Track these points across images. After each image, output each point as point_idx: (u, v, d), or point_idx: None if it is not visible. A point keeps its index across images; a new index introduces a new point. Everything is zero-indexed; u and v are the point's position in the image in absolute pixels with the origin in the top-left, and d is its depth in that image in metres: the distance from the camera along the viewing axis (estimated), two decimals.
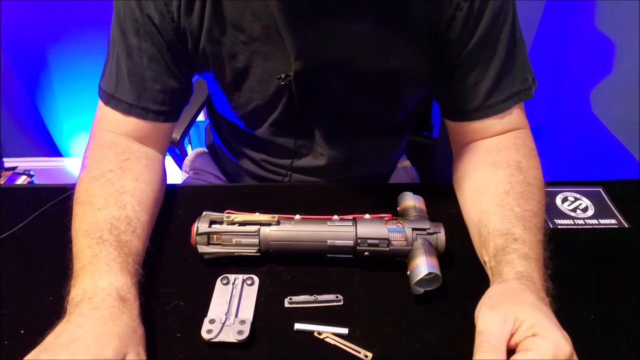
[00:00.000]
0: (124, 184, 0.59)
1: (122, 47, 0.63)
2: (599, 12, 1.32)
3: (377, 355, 0.50)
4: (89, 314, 0.45)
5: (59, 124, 1.87)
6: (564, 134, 1.54)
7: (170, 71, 0.64)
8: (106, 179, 0.59)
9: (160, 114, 0.66)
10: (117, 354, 0.43)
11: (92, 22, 1.59)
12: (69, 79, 1.75)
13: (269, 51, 0.63)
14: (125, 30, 0.62)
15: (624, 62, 1.23)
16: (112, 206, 0.56)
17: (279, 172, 0.81)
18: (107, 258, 0.51)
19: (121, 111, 0.64)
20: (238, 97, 0.69)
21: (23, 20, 1.59)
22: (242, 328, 0.51)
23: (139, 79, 0.63)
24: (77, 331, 0.44)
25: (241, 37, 0.62)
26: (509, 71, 0.63)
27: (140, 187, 0.60)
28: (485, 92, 0.63)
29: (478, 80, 0.63)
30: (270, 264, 0.60)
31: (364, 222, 0.58)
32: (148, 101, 0.64)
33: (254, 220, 0.58)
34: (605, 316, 0.54)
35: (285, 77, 0.64)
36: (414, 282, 0.53)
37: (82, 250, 0.52)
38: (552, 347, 0.42)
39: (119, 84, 0.64)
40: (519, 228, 0.55)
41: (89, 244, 0.52)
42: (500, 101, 0.64)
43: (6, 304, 0.55)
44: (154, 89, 0.64)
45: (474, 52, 0.61)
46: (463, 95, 0.64)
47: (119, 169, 0.61)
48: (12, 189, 0.76)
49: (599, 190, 0.72)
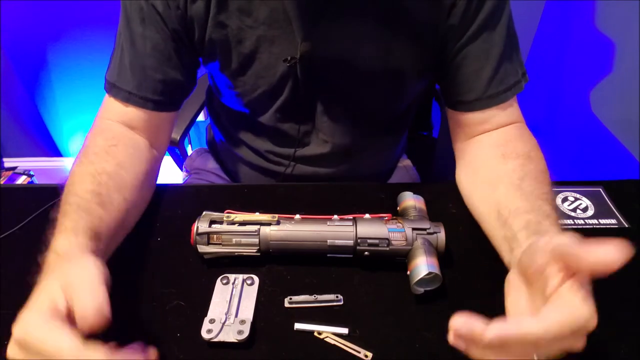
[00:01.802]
0: (104, 166, 0.59)
1: (127, 36, 0.64)
2: (599, 12, 1.32)
3: (377, 355, 0.50)
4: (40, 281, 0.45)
5: (59, 124, 1.87)
6: (564, 134, 1.54)
7: (172, 61, 0.65)
8: (88, 160, 0.60)
9: (159, 104, 0.66)
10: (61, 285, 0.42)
11: (92, 22, 1.59)
12: (69, 79, 1.75)
13: (276, 35, 0.63)
14: (131, 18, 0.63)
15: (624, 62, 1.23)
16: (86, 183, 0.56)
17: (282, 163, 0.82)
18: (63, 219, 0.51)
19: (121, 99, 0.65)
20: (244, 84, 0.70)
21: (23, 20, 1.59)
22: (242, 328, 0.51)
23: (140, 68, 0.64)
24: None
25: (248, 21, 0.62)
26: (508, 62, 0.64)
27: (120, 173, 0.60)
28: (487, 81, 0.64)
29: (479, 68, 0.64)
30: (270, 264, 0.60)
31: (364, 222, 0.58)
32: (148, 90, 0.65)
33: (254, 220, 0.58)
34: (605, 316, 0.54)
35: (291, 59, 0.64)
36: (414, 282, 0.53)
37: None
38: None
39: (121, 72, 0.65)
40: (547, 206, 0.53)
41: (61, 209, 0.53)
42: (501, 91, 0.64)
43: (6, 304, 0.55)
44: (154, 79, 0.64)
45: (475, 39, 0.62)
46: (465, 84, 0.65)
47: (103, 152, 0.61)
48: (12, 189, 0.76)
49: (599, 190, 0.72)
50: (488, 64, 0.63)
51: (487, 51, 0.63)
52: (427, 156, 1.09)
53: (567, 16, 1.47)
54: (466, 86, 0.65)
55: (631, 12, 1.17)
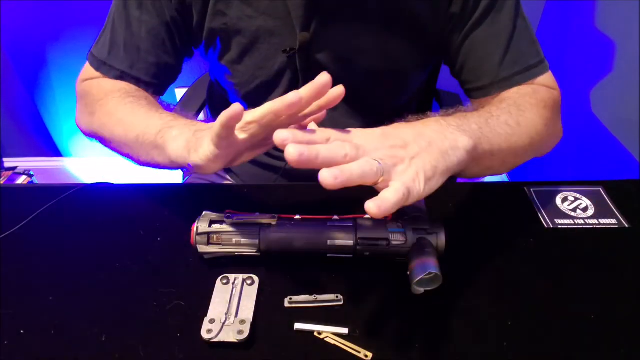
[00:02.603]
0: (142, 101, 0.62)
1: (122, 19, 0.64)
2: (599, 12, 1.32)
3: (377, 355, 0.50)
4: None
5: (59, 124, 1.87)
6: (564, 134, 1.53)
7: (166, 47, 0.66)
8: (127, 100, 0.62)
9: (149, 86, 0.68)
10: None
11: (92, 22, 1.59)
12: (69, 79, 1.75)
13: (276, 26, 0.63)
14: (128, 3, 0.63)
15: (624, 62, 1.23)
16: (151, 110, 0.60)
17: (282, 158, 0.81)
18: (160, 124, 0.56)
19: (112, 77, 0.66)
20: (242, 74, 0.70)
21: (23, 20, 1.59)
22: (242, 328, 0.51)
23: (134, 49, 0.65)
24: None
25: (248, 10, 0.62)
26: (522, 43, 0.62)
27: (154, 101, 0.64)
28: (498, 63, 0.62)
29: (489, 52, 0.62)
30: (270, 264, 0.60)
31: (364, 222, 0.58)
32: (140, 72, 0.66)
33: (254, 220, 0.58)
34: (605, 316, 0.54)
35: (290, 50, 0.64)
36: (414, 282, 0.53)
37: (148, 129, 0.56)
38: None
39: (112, 51, 0.65)
40: (475, 123, 0.53)
41: (148, 123, 0.57)
42: (516, 72, 0.63)
43: (6, 304, 0.55)
44: (147, 61, 0.65)
45: (480, 24, 0.61)
46: (477, 70, 0.64)
47: (128, 95, 0.64)
48: (12, 189, 0.76)
49: (599, 190, 0.72)
50: (498, 47, 0.62)
51: (495, 35, 0.62)
52: None
53: (567, 16, 1.47)
54: (479, 72, 0.64)
55: (631, 12, 1.17)
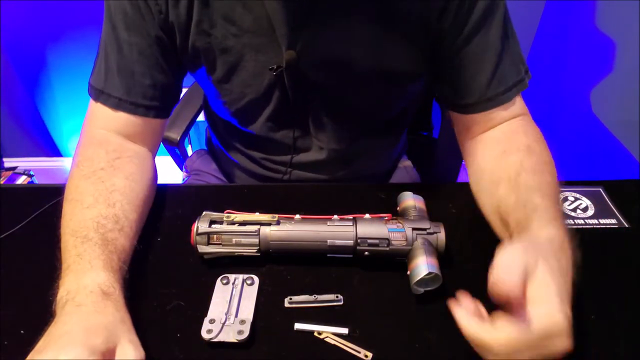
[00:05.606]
0: (114, 182, 0.59)
1: (112, 42, 0.63)
2: (599, 12, 1.32)
3: (377, 355, 0.50)
4: (74, 312, 0.45)
5: (59, 124, 1.87)
6: (564, 134, 1.54)
7: (160, 66, 0.64)
8: (97, 177, 0.59)
9: (149, 109, 0.65)
10: (106, 342, 0.43)
11: (92, 22, 1.59)
12: (69, 79, 1.75)
13: (261, 43, 0.62)
14: (116, 25, 0.62)
15: (624, 62, 1.23)
16: (100, 204, 0.56)
17: (279, 170, 0.81)
18: (90, 256, 0.51)
19: (111, 106, 0.64)
20: (230, 92, 0.69)
21: (23, 20, 1.59)
22: (242, 328, 0.51)
23: (128, 74, 0.63)
24: (64, 327, 0.44)
25: (232, 29, 0.61)
26: (507, 61, 0.63)
27: (130, 185, 0.60)
28: (485, 83, 0.63)
29: (477, 70, 0.63)
30: (270, 264, 0.60)
31: (364, 222, 0.58)
32: (137, 96, 0.64)
33: (254, 220, 0.58)
34: (605, 316, 0.54)
35: (277, 68, 0.64)
36: (414, 282, 0.53)
37: (68, 250, 0.52)
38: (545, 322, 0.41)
39: (108, 79, 0.64)
40: (537, 197, 0.54)
41: (74, 243, 0.52)
42: (500, 92, 0.63)
43: (6, 304, 0.55)
44: (143, 84, 0.64)
45: (469, 41, 0.61)
46: (464, 88, 0.64)
47: (109, 167, 0.60)
48: (12, 189, 0.76)
49: (599, 190, 0.72)
50: (485, 66, 0.62)
51: (483, 53, 0.62)
52: (427, 156, 1.09)
53: (567, 16, 1.47)
54: (465, 89, 0.64)
55: (631, 12, 1.17)
